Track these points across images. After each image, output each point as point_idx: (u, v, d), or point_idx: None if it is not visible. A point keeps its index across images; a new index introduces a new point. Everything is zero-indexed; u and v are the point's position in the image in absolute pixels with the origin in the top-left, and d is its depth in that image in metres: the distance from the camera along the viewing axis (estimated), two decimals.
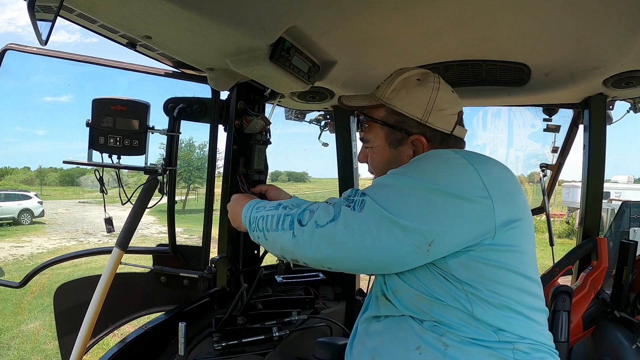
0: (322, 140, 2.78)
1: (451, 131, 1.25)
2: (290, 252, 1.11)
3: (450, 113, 1.26)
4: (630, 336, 1.85)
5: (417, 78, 1.26)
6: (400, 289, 1.13)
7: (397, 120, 1.25)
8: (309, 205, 1.14)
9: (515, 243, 1.08)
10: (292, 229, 1.09)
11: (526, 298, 1.09)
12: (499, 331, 1.05)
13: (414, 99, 1.23)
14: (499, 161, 1.17)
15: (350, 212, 1.03)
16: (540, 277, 2.20)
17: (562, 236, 16.00)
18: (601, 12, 1.37)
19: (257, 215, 1.23)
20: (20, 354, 6.54)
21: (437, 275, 1.07)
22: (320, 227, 1.04)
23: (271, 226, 1.15)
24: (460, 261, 1.04)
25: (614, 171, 24.23)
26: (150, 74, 1.92)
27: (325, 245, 1.04)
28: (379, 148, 1.29)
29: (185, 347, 1.63)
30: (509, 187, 1.11)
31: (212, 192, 2.07)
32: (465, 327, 1.06)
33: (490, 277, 1.05)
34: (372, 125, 1.30)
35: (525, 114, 2.77)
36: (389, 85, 1.27)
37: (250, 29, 1.38)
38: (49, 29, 0.92)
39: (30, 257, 13.21)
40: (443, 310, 1.07)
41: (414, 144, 1.24)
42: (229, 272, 2.07)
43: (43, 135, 68.25)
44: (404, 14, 1.43)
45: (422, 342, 1.07)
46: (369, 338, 1.20)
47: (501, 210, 1.04)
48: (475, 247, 1.04)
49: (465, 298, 1.05)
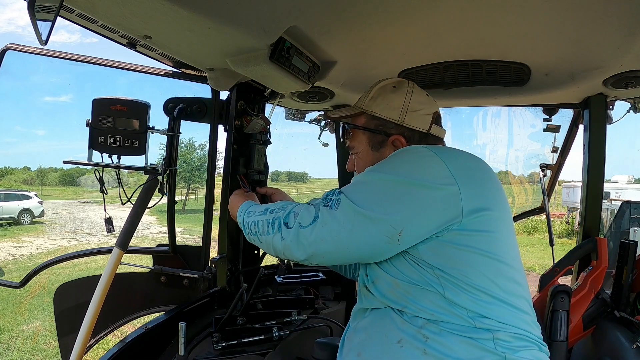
0: (322, 140, 2.78)
1: (428, 130, 1.35)
2: (281, 252, 1.21)
3: (424, 113, 1.35)
4: (630, 336, 1.85)
5: (393, 85, 1.38)
6: (379, 278, 1.20)
7: (377, 124, 1.36)
8: (293, 207, 1.22)
9: (487, 228, 1.11)
10: (280, 232, 1.19)
11: (503, 282, 1.10)
12: (476, 316, 1.07)
13: (390, 103, 1.35)
14: (474, 155, 1.23)
15: (327, 211, 1.12)
16: (540, 277, 2.24)
17: (562, 236, 16.01)
18: (601, 12, 1.37)
19: (248, 220, 1.35)
20: (20, 354, 6.54)
21: (411, 262, 1.13)
22: (304, 227, 1.14)
23: (263, 230, 1.26)
24: (430, 246, 1.10)
25: (614, 171, 24.28)
26: (150, 74, 1.92)
27: (309, 244, 1.12)
28: (363, 152, 1.39)
29: (185, 347, 1.63)
30: (479, 176, 1.16)
31: (212, 192, 2.07)
32: (441, 313, 1.08)
33: (461, 260, 1.09)
34: (355, 132, 1.41)
35: (525, 114, 2.78)
36: (367, 95, 1.40)
37: (250, 29, 1.38)
38: (49, 29, 0.92)
39: (30, 257, 13.21)
40: (418, 296, 1.11)
41: (394, 144, 1.33)
42: (229, 272, 2.07)
43: (43, 135, 68.41)
44: (404, 14, 1.43)
45: (403, 335, 1.11)
46: (355, 334, 1.24)
47: (469, 196, 1.09)
48: (443, 232, 1.09)
49: (437, 282, 1.09)
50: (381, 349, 1.14)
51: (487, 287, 1.08)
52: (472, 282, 1.08)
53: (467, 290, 1.07)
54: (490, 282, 1.09)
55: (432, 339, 1.07)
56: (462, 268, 1.08)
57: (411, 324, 1.11)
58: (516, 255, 1.18)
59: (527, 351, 1.09)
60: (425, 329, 1.09)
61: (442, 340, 1.07)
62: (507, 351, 1.06)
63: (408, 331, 1.11)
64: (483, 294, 1.08)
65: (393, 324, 1.14)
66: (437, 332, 1.08)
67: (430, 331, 1.08)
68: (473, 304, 1.07)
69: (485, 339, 1.05)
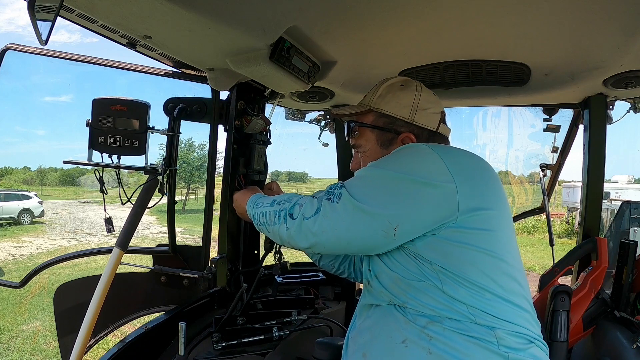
0: (322, 140, 2.78)
1: (436, 129, 1.36)
2: (286, 241, 1.26)
3: (433, 112, 1.37)
4: (630, 336, 1.85)
5: (400, 84, 1.39)
6: (382, 272, 1.22)
7: (386, 122, 1.36)
8: (298, 199, 1.26)
9: (485, 226, 1.12)
10: (285, 222, 1.24)
11: (503, 280, 1.11)
12: (476, 312, 1.07)
13: (400, 101, 1.35)
14: (475, 154, 1.24)
15: (329, 204, 1.16)
16: (540, 277, 2.24)
17: (562, 236, 16.02)
18: (601, 12, 1.37)
19: (257, 211, 1.40)
20: (20, 354, 6.55)
21: (410, 257, 1.15)
22: (307, 219, 1.18)
23: (270, 221, 1.31)
24: (426, 242, 1.12)
25: (614, 171, 24.27)
26: (150, 74, 1.92)
27: (311, 234, 1.17)
28: (371, 151, 1.39)
29: (185, 347, 1.63)
30: (479, 175, 1.17)
31: (212, 192, 2.07)
32: (441, 309, 1.09)
33: (458, 256, 1.10)
34: (363, 130, 1.40)
35: (525, 114, 2.78)
36: (375, 93, 1.40)
37: (250, 29, 1.38)
38: (49, 29, 0.92)
39: (30, 257, 13.21)
40: (418, 291, 1.13)
41: (403, 141, 1.34)
42: (229, 272, 2.07)
43: (43, 135, 68.21)
44: (404, 14, 1.44)
45: (407, 335, 1.12)
46: (360, 335, 1.25)
47: (466, 195, 1.10)
48: (439, 229, 1.10)
49: (435, 276, 1.11)
50: (386, 349, 1.15)
51: (486, 283, 1.09)
52: (470, 278, 1.08)
53: (466, 286, 1.08)
54: (489, 279, 1.09)
55: (436, 338, 1.08)
56: (459, 264, 1.09)
57: (415, 323, 1.12)
58: (516, 254, 1.19)
59: (528, 350, 1.09)
60: (428, 329, 1.09)
61: (446, 340, 1.07)
62: (510, 351, 1.06)
63: (412, 331, 1.11)
64: (482, 290, 1.08)
65: (397, 324, 1.15)
66: (440, 332, 1.08)
67: (434, 331, 1.09)
68: (472, 299, 1.08)
69: (487, 338, 1.06)
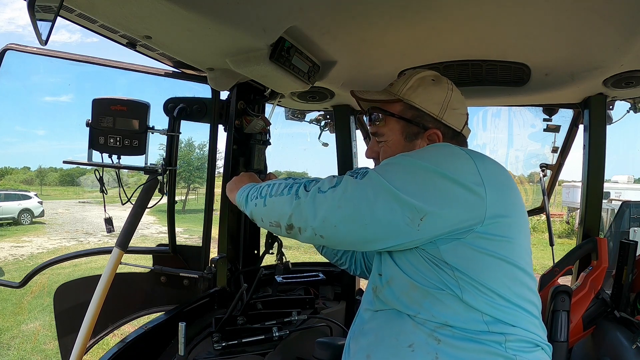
0: (322, 140, 2.78)
1: (461, 130, 1.34)
2: (288, 215, 1.12)
3: (461, 113, 1.35)
4: (630, 336, 1.85)
5: (432, 78, 1.34)
6: (395, 277, 1.17)
7: (414, 115, 1.31)
8: (315, 178, 1.19)
9: (506, 234, 1.11)
10: (297, 192, 1.12)
11: (518, 287, 1.11)
12: (491, 320, 1.07)
13: (431, 96, 1.31)
14: (498, 162, 1.21)
15: (352, 180, 1.08)
16: (540, 277, 2.24)
17: (562, 236, 16.01)
18: (601, 12, 1.37)
19: (262, 185, 1.25)
20: (20, 354, 6.54)
21: (430, 263, 1.10)
22: (322, 192, 1.08)
23: (276, 191, 1.18)
24: (451, 247, 1.08)
25: (614, 171, 24.25)
26: (150, 74, 1.92)
27: (324, 208, 1.06)
28: (394, 142, 1.33)
29: (185, 347, 1.63)
30: (503, 183, 1.15)
31: (212, 192, 2.07)
32: (456, 320, 1.07)
33: (480, 263, 1.08)
34: (388, 119, 1.34)
35: (525, 114, 2.77)
36: (405, 83, 1.34)
37: (250, 29, 1.38)
38: (49, 29, 0.92)
39: (30, 257, 13.21)
40: (434, 301, 1.09)
41: (429, 137, 1.30)
42: (229, 272, 2.07)
43: (43, 135, 68.31)
44: (404, 14, 1.43)
45: (415, 339, 1.10)
46: (363, 336, 1.22)
47: (493, 201, 1.08)
48: (466, 233, 1.07)
49: (455, 284, 1.08)
50: (391, 352, 1.12)
51: (503, 291, 1.08)
52: (489, 285, 1.07)
53: (485, 293, 1.07)
54: (506, 286, 1.09)
55: (445, 342, 1.07)
56: (480, 271, 1.07)
57: (423, 326, 1.10)
58: (530, 261, 1.18)
59: (534, 353, 1.10)
60: (437, 332, 1.08)
61: (454, 344, 1.06)
62: (517, 353, 1.06)
63: (420, 335, 1.09)
64: (499, 297, 1.08)
65: (404, 327, 1.12)
66: (449, 336, 1.07)
67: (443, 334, 1.07)
68: (489, 307, 1.07)
69: (496, 341, 1.06)
